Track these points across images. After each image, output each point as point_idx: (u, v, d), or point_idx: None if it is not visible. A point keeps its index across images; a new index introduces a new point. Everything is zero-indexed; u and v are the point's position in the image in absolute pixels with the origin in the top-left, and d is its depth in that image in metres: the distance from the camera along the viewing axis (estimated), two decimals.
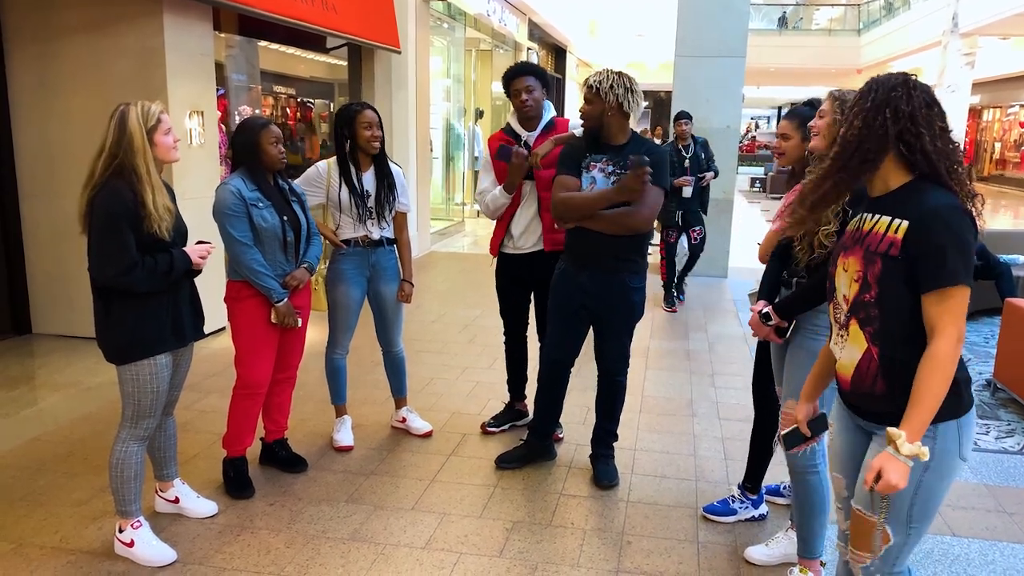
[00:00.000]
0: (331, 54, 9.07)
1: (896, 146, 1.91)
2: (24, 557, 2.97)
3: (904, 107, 1.89)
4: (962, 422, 1.93)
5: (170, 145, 2.87)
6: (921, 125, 1.89)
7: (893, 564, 2.01)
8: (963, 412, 1.94)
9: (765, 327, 2.82)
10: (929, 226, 1.85)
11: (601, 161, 3.46)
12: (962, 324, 1.85)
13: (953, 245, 1.84)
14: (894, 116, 1.89)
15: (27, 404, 4.51)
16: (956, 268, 1.84)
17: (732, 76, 8.59)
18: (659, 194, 3.41)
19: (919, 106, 1.90)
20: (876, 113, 1.91)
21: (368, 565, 2.98)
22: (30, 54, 5.45)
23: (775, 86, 30.78)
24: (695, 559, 3.08)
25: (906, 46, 21.53)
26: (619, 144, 3.46)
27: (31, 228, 5.68)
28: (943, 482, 1.95)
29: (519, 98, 3.80)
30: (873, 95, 1.93)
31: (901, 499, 1.93)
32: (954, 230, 1.84)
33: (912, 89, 1.91)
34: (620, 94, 3.36)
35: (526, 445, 3.90)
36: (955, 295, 1.85)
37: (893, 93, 1.90)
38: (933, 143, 1.89)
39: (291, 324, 3.40)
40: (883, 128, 1.90)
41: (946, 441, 1.92)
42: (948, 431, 1.92)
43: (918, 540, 2.01)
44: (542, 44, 18.02)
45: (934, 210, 1.86)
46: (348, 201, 3.76)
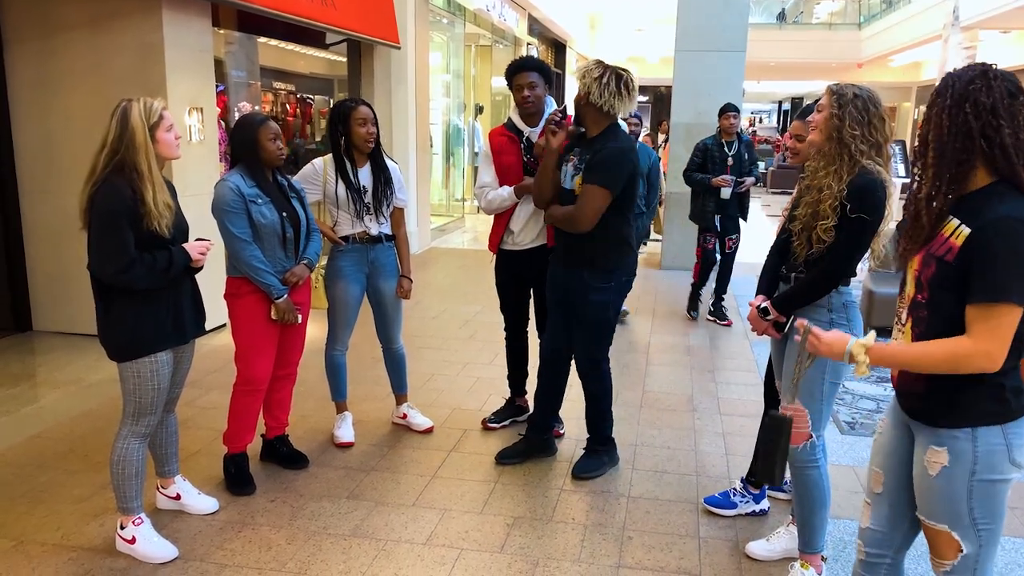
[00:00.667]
0: (330, 50, 9.06)
1: (979, 142, 1.80)
2: (25, 554, 2.97)
3: (984, 99, 1.79)
4: (1008, 429, 1.87)
5: (172, 142, 2.86)
6: (1002, 117, 1.78)
7: (974, 571, 1.95)
8: (1009, 419, 1.88)
9: (763, 322, 2.82)
10: (988, 235, 1.76)
11: (576, 155, 3.47)
12: (998, 344, 1.76)
13: (1008, 258, 1.73)
14: (975, 110, 1.80)
15: (28, 401, 4.52)
16: (1006, 283, 1.73)
17: (732, 71, 8.57)
18: (596, 193, 3.32)
19: (1000, 96, 1.79)
20: (958, 109, 1.81)
21: (369, 561, 2.98)
22: (29, 50, 5.44)
23: (775, 80, 30.73)
24: (696, 554, 3.08)
25: (907, 39, 21.46)
26: (591, 137, 3.45)
27: (31, 225, 5.68)
28: (995, 485, 1.90)
29: (521, 93, 3.78)
30: (951, 90, 1.84)
31: (957, 505, 1.91)
32: (1012, 242, 1.73)
33: (992, 79, 1.81)
34: (588, 83, 3.32)
35: (525, 440, 3.91)
36: (1000, 312, 1.75)
37: (971, 86, 1.81)
38: (1015, 136, 1.79)
39: (291, 320, 3.40)
40: (966, 124, 1.80)
41: (990, 445, 1.87)
42: (991, 435, 1.87)
43: (993, 547, 1.96)
44: (542, 39, 17.99)
45: (997, 219, 1.76)
46: (345, 197, 3.75)
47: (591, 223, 3.37)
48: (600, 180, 3.32)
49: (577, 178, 3.41)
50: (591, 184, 3.33)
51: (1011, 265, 1.73)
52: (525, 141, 3.85)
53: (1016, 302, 1.74)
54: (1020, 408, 1.88)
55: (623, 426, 4.28)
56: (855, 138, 2.57)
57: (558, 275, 3.61)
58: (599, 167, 3.34)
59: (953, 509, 1.91)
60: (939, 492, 1.93)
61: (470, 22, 12.60)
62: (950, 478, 1.91)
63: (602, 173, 3.33)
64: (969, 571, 1.96)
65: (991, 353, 1.77)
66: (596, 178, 3.33)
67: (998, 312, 1.75)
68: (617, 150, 3.37)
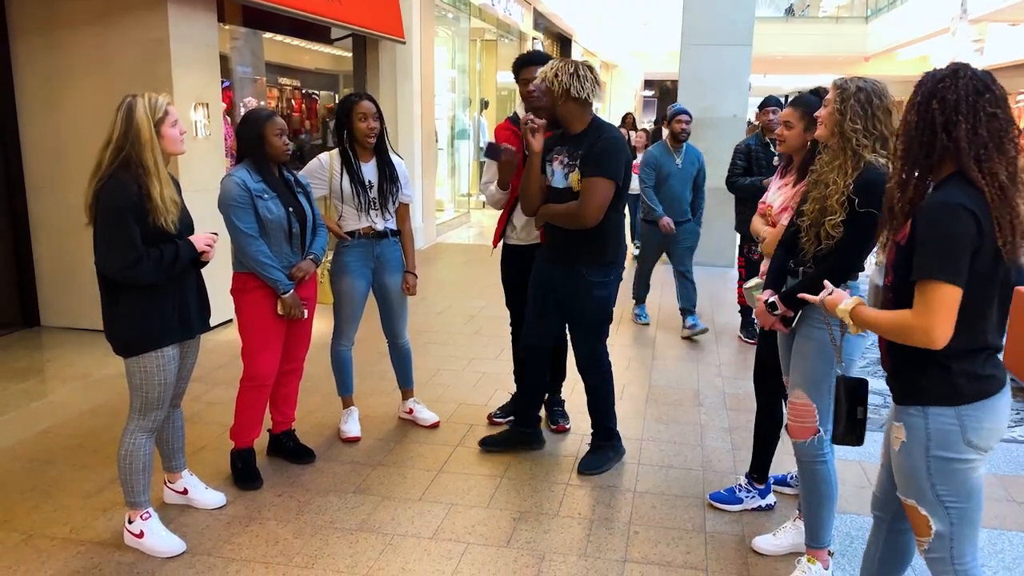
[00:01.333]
0: (336, 45, 9.05)
1: (941, 136, 1.90)
2: (35, 548, 2.99)
3: (950, 96, 1.89)
4: (963, 412, 1.96)
5: (177, 137, 2.87)
6: (962, 112, 1.88)
7: (950, 551, 2.04)
8: (962, 402, 1.97)
9: (771, 317, 2.81)
10: (921, 219, 1.90)
11: (561, 153, 3.47)
12: (934, 321, 1.86)
13: (932, 241, 1.86)
14: (941, 106, 1.90)
15: (36, 396, 4.54)
16: (928, 264, 1.86)
17: (739, 64, 8.54)
18: (603, 185, 3.33)
19: (965, 94, 1.89)
20: (926, 106, 1.93)
21: (376, 555, 2.99)
22: (36, 46, 5.45)
23: (782, 74, 30.62)
24: (702, 549, 3.08)
25: (914, 33, 21.37)
26: (577, 133, 3.45)
27: (38, 221, 5.69)
28: (952, 464, 1.98)
29: (526, 87, 3.77)
30: (923, 87, 1.95)
31: (918, 480, 2.02)
32: (937, 226, 1.86)
33: (960, 78, 1.90)
34: (565, 80, 3.33)
35: (510, 430, 3.95)
36: (929, 290, 1.86)
37: (940, 84, 1.91)
38: (971, 132, 1.87)
39: (297, 315, 3.40)
40: (931, 119, 1.91)
41: (941, 424, 1.98)
42: (943, 416, 1.97)
43: (967, 528, 2.04)
44: (547, 33, 17.95)
45: (929, 204, 1.91)
46: (350, 192, 3.75)
47: (599, 216, 3.36)
48: (605, 172, 3.33)
49: (573, 175, 3.40)
50: (596, 177, 3.32)
51: (932, 246, 1.86)
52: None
53: (941, 279, 1.84)
54: (976, 393, 1.97)
55: (629, 421, 4.28)
56: (856, 132, 2.56)
57: (554, 274, 3.58)
58: (601, 159, 3.33)
59: (916, 484, 2.03)
60: (901, 467, 2.07)
61: (475, 17, 12.58)
62: (908, 453, 2.04)
63: (605, 164, 3.33)
64: (945, 551, 2.05)
65: (927, 329, 1.87)
66: (600, 170, 3.32)
67: (929, 289, 1.86)
68: (614, 140, 3.39)
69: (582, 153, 3.38)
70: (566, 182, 3.44)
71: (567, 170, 3.43)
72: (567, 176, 3.43)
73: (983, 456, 2.01)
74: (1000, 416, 2.01)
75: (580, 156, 3.38)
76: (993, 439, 2.01)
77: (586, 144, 3.38)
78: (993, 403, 1.99)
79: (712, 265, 8.63)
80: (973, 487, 2.02)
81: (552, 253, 3.60)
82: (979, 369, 1.97)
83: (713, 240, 8.68)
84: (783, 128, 3.06)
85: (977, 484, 2.03)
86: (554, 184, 3.50)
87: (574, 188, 3.40)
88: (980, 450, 1.99)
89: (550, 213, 3.50)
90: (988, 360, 2.00)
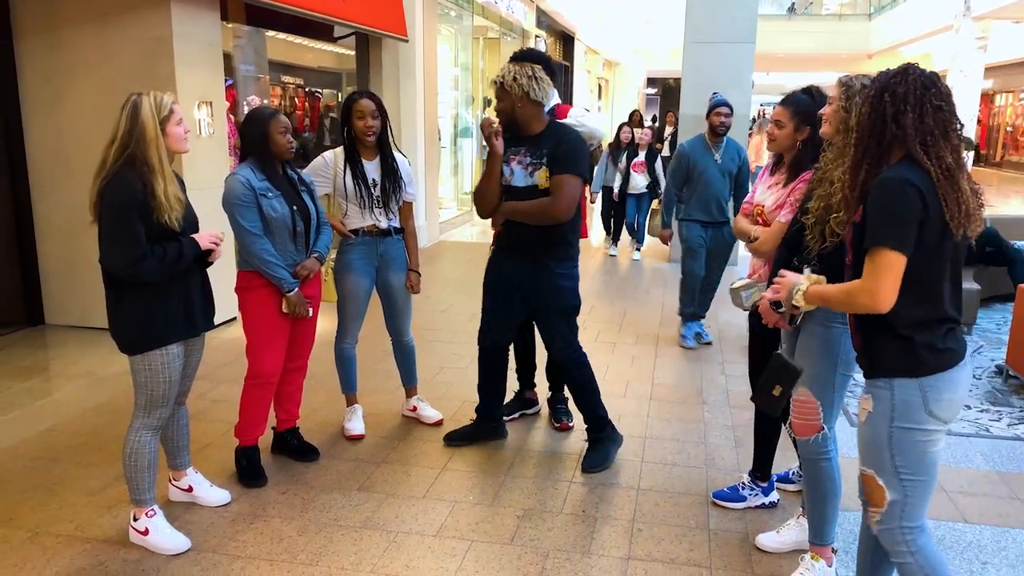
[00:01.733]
0: (339, 43, 9.06)
1: (891, 125, 2.07)
2: (40, 545, 3.00)
3: (900, 89, 2.06)
4: (925, 383, 2.11)
5: (182, 136, 2.87)
6: (910, 104, 2.05)
7: (900, 520, 2.20)
8: (924, 373, 2.10)
9: (775, 314, 2.81)
10: (872, 194, 2.06)
11: (520, 153, 3.53)
12: (879, 284, 2.02)
13: (881, 211, 2.03)
14: (892, 99, 2.07)
15: (41, 394, 4.55)
16: (879, 232, 2.02)
17: (742, 62, 8.52)
18: (575, 183, 3.45)
19: (914, 88, 2.06)
20: (879, 98, 2.09)
21: (380, 553, 2.99)
22: (39, 45, 5.46)
23: (785, 72, 30.56)
24: (706, 546, 3.08)
25: (918, 30, 21.32)
26: (536, 134, 3.53)
27: (43, 219, 5.71)
28: (913, 434, 2.13)
29: None
30: (876, 83, 2.12)
31: (879, 450, 2.18)
32: (887, 198, 2.03)
33: (910, 75, 2.08)
34: (524, 84, 3.45)
35: (474, 424, 3.99)
36: (878, 256, 2.02)
37: (892, 80, 2.09)
38: (918, 120, 2.04)
39: (302, 313, 3.41)
40: (883, 110, 2.08)
41: (905, 395, 2.12)
42: (907, 387, 2.11)
43: (919, 498, 2.19)
44: (550, 31, 17.94)
45: (880, 180, 2.07)
46: (354, 190, 3.76)
47: (571, 212, 3.48)
48: (574, 170, 3.45)
49: (539, 172, 3.48)
50: (566, 174, 3.43)
51: (883, 216, 2.03)
52: None
53: (888, 246, 2.01)
54: (938, 364, 2.11)
55: (632, 419, 4.28)
56: None
57: (520, 271, 3.62)
58: (569, 158, 3.45)
59: (877, 455, 2.18)
60: (865, 437, 2.22)
61: (478, 15, 12.58)
62: (873, 424, 2.19)
63: (575, 164, 3.46)
64: (895, 521, 2.20)
65: (872, 291, 2.03)
66: (569, 168, 3.44)
67: (877, 255, 2.02)
68: (578, 139, 3.54)
69: (547, 152, 3.47)
70: (531, 180, 3.51)
71: (531, 168, 3.50)
72: (532, 174, 3.50)
73: (943, 428, 2.15)
74: (959, 387, 2.14)
75: (546, 155, 3.47)
76: (952, 410, 2.15)
77: (548, 144, 3.48)
78: (952, 375, 2.12)
79: None
80: (930, 461, 2.16)
81: (517, 251, 3.63)
82: (939, 342, 2.11)
83: None
84: (773, 127, 3.07)
85: (933, 459, 2.17)
86: (514, 183, 3.56)
87: (541, 186, 3.49)
88: (940, 421, 2.13)
89: (518, 210, 3.54)
90: (948, 334, 2.13)
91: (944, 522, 3.28)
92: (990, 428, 4.25)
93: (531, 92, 3.45)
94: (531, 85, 3.44)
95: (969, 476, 3.69)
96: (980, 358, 5.45)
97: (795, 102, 3.01)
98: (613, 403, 4.45)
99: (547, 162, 3.47)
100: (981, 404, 4.59)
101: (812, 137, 2.94)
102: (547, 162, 3.47)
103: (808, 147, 2.98)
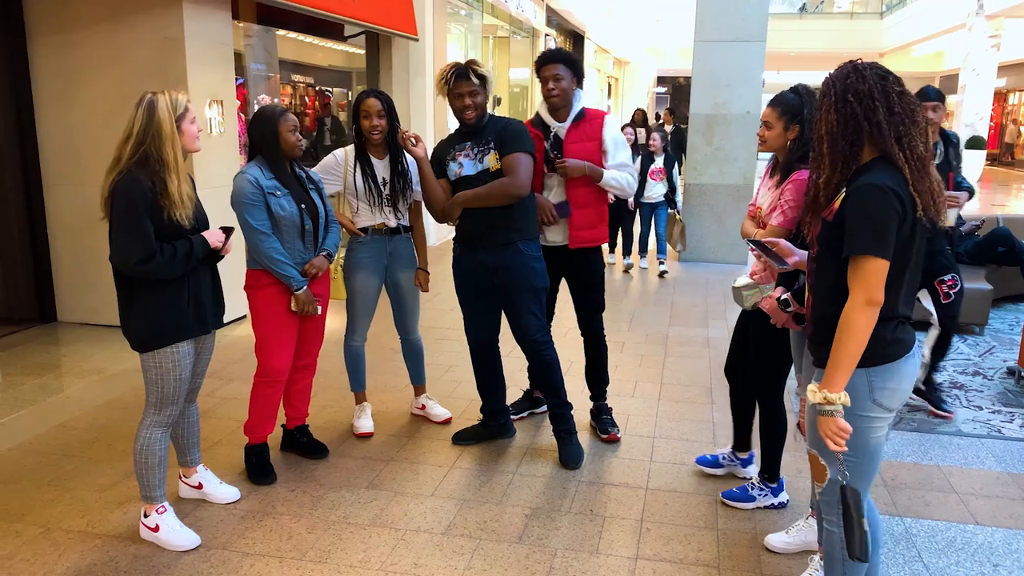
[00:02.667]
0: (349, 42, 9.08)
1: (863, 124, 2.10)
2: (52, 541, 3.02)
3: (861, 87, 2.09)
4: (872, 372, 2.17)
5: (195, 134, 2.89)
6: (877, 99, 2.08)
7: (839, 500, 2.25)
8: (872, 364, 2.16)
9: (784, 314, 2.81)
10: (852, 200, 2.08)
11: (465, 148, 3.61)
12: (871, 291, 2.06)
13: (864, 219, 2.05)
14: (857, 98, 2.10)
15: (53, 391, 4.58)
16: (863, 240, 2.05)
17: (752, 61, 8.50)
18: (528, 159, 3.54)
19: (874, 82, 2.09)
20: (843, 102, 2.11)
21: (388, 551, 3.00)
22: (52, 44, 5.49)
23: (796, 71, 30.43)
24: (715, 546, 3.08)
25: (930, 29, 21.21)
26: (480, 127, 3.61)
27: (55, 217, 5.74)
28: (856, 420, 2.17)
29: (546, 85, 3.75)
30: (833, 89, 2.14)
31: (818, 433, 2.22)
32: (869, 206, 2.05)
33: (863, 70, 2.12)
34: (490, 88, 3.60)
35: (481, 423, 4.00)
36: (862, 264, 2.06)
37: (848, 80, 2.12)
38: (889, 112, 2.08)
39: (311, 312, 3.42)
40: (852, 111, 2.10)
41: (852, 383, 2.15)
42: (854, 376, 2.15)
43: (860, 478, 2.25)
44: (560, 30, 17.93)
45: (859, 186, 2.08)
46: (363, 188, 3.77)
47: (529, 185, 3.56)
48: (524, 147, 3.53)
49: (489, 157, 3.57)
50: (518, 152, 3.52)
51: (866, 224, 2.05)
52: (552, 137, 3.80)
53: (874, 254, 2.05)
54: (883, 356, 2.17)
55: (641, 418, 4.28)
56: None
57: (490, 259, 3.63)
58: (518, 138, 3.54)
59: (820, 437, 2.19)
60: (812, 420, 2.26)
61: (488, 13, 12.58)
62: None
63: (522, 142, 3.54)
64: (835, 495, 2.28)
65: (867, 298, 2.06)
66: (519, 147, 3.53)
67: (863, 263, 2.06)
68: (521, 123, 3.67)
69: (493, 138, 3.56)
70: (482, 165, 3.59)
71: (479, 155, 3.58)
72: (482, 160, 3.58)
73: (887, 416, 2.22)
74: (905, 378, 2.21)
75: (491, 140, 3.56)
76: (896, 400, 2.22)
77: (492, 132, 3.58)
78: (899, 366, 2.19)
79: (724, 263, 8.60)
80: (870, 446, 2.24)
81: (481, 238, 3.64)
82: (888, 335, 2.17)
83: (728, 236, 8.67)
84: (763, 128, 3.07)
85: (875, 444, 2.24)
86: (465, 173, 3.61)
87: (492, 168, 3.57)
88: (885, 409, 2.20)
89: (478, 195, 3.55)
90: (898, 327, 2.20)
91: (955, 524, 3.26)
92: (1002, 430, 4.22)
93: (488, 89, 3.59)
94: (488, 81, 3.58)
95: (981, 478, 3.67)
96: (991, 359, 5.41)
97: (782, 102, 3.02)
98: (622, 402, 4.45)
99: (495, 146, 3.55)
100: (993, 405, 4.56)
101: (802, 135, 2.97)
102: (495, 146, 3.55)
103: (799, 147, 2.99)
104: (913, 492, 3.54)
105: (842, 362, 2.11)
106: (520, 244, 3.61)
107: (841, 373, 2.12)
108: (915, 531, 3.21)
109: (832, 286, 2.18)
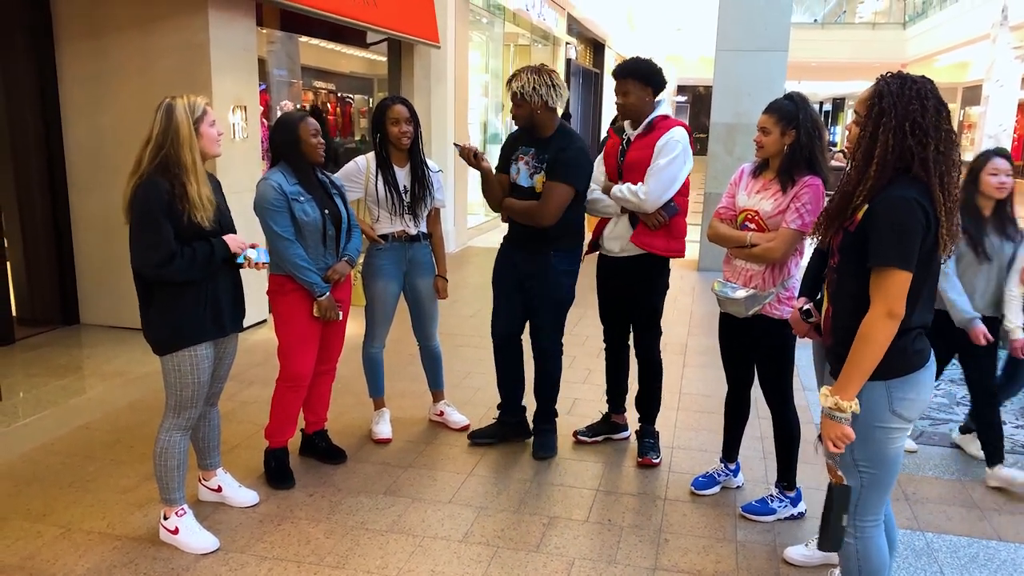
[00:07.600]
0: (371, 49, 9.14)
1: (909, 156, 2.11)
2: (72, 542, 3.05)
3: (920, 120, 2.09)
4: (892, 384, 2.17)
5: (214, 137, 2.91)
6: (930, 135, 2.09)
7: (855, 507, 2.28)
8: (891, 376, 2.16)
9: (805, 324, 2.78)
10: (877, 211, 2.10)
11: (528, 154, 3.66)
12: (893, 303, 2.07)
13: (889, 231, 2.07)
14: (912, 130, 2.09)
15: (76, 392, 4.63)
16: (887, 252, 2.07)
17: (774, 71, 8.45)
18: (564, 191, 3.54)
19: (933, 119, 2.10)
20: (900, 131, 2.10)
21: (406, 557, 3.00)
22: (80, 49, 5.57)
23: (817, 80, 30.30)
24: (733, 558, 3.05)
25: (953, 39, 21.01)
26: (547, 137, 3.63)
27: (80, 220, 5.81)
28: (875, 431, 2.19)
29: (616, 99, 3.69)
30: (895, 111, 2.11)
31: None
32: (895, 218, 2.07)
33: (926, 99, 2.10)
34: (544, 93, 3.56)
35: (500, 423, 4.03)
36: (886, 276, 2.08)
37: (911, 106, 2.09)
38: (937, 150, 2.10)
39: (332, 317, 3.43)
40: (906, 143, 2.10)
41: (872, 395, 2.16)
42: (874, 388, 2.16)
43: (875, 491, 2.26)
44: (581, 39, 17.95)
45: (885, 198, 2.10)
46: (385, 195, 3.78)
47: (555, 218, 3.57)
48: (567, 178, 3.55)
49: (537, 177, 3.61)
50: (558, 182, 3.53)
51: (888, 235, 2.07)
52: (624, 141, 3.70)
53: (898, 266, 2.06)
54: (903, 367, 2.17)
55: (660, 428, 4.24)
56: None
57: (521, 261, 3.75)
58: (568, 167, 3.56)
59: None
60: None
61: (509, 22, 12.62)
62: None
63: (570, 172, 3.56)
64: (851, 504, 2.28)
65: (888, 310, 2.08)
66: (563, 176, 3.55)
67: (887, 275, 2.08)
68: (581, 151, 3.62)
69: (549, 158, 3.59)
70: (531, 182, 3.65)
71: (532, 171, 3.64)
72: (532, 177, 3.64)
73: (906, 427, 2.22)
74: (923, 388, 2.21)
75: (547, 159, 3.59)
76: (915, 410, 2.22)
77: (554, 149, 3.59)
78: (917, 377, 2.19)
79: None
80: (889, 456, 2.23)
81: (518, 240, 3.77)
82: (909, 347, 2.18)
83: None
84: (760, 135, 3.12)
85: (894, 454, 2.24)
86: (519, 182, 3.69)
87: (537, 189, 3.60)
88: (904, 419, 2.20)
89: (514, 210, 3.69)
90: (917, 338, 2.21)
91: (978, 540, 3.22)
92: None
93: (549, 100, 3.57)
94: (549, 94, 3.56)
95: (1004, 494, 3.62)
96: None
97: (778, 108, 3.10)
98: None
99: (547, 167, 3.59)
100: (1016, 420, 4.50)
101: (798, 139, 3.04)
102: (547, 167, 3.59)
103: (796, 150, 3.05)
104: (935, 507, 3.49)
105: (857, 371, 2.12)
106: (553, 255, 3.67)
107: (855, 382, 2.14)
108: (937, 546, 3.17)
109: (854, 296, 2.19)
